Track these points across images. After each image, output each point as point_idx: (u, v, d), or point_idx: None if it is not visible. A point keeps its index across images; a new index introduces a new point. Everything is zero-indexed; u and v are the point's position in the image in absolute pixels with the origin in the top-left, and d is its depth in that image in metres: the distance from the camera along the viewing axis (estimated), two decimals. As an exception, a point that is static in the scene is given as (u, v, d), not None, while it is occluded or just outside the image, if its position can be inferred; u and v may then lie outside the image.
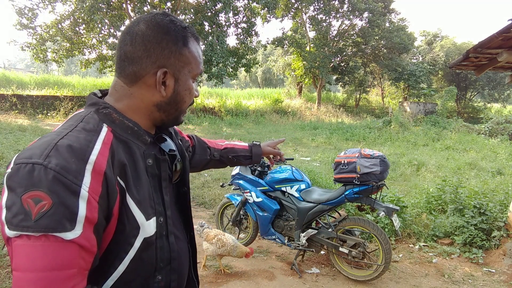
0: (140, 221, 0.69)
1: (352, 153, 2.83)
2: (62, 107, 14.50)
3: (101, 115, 0.70)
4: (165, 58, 0.72)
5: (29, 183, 0.55)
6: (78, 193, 0.57)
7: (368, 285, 2.90)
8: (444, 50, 24.53)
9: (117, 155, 0.66)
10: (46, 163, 0.56)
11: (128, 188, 0.67)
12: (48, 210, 0.54)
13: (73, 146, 0.59)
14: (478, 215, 3.67)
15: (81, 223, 0.57)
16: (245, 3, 15.98)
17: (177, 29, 0.73)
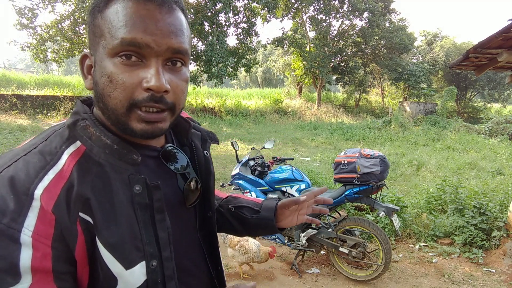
0: (116, 271, 0.53)
1: (352, 153, 2.83)
2: (62, 107, 14.51)
3: (78, 129, 0.55)
4: (89, 39, 0.57)
5: None
6: (17, 239, 0.45)
7: (368, 285, 2.90)
8: (444, 50, 24.53)
9: (78, 187, 0.51)
10: None
11: (97, 227, 0.52)
12: None
13: (15, 179, 0.47)
14: (478, 215, 3.67)
15: (28, 274, 0.45)
16: (245, 3, 15.98)
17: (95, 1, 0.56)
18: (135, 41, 0.51)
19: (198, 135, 0.76)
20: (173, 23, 0.54)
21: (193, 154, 0.72)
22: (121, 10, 0.52)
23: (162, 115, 0.56)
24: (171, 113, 0.58)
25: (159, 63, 0.53)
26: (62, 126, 0.57)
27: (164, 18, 0.53)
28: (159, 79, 0.52)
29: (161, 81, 0.52)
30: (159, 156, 0.65)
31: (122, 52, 0.52)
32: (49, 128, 0.58)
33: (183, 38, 0.55)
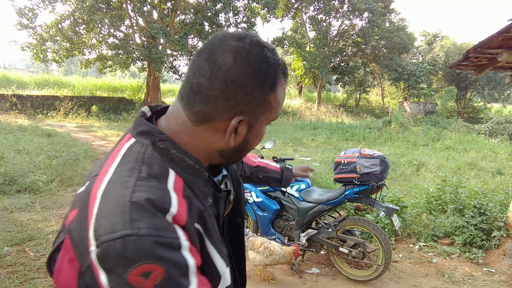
0: (221, 269, 0.61)
1: (352, 153, 2.83)
2: (62, 107, 14.51)
3: (160, 152, 0.58)
4: (245, 105, 0.59)
5: (129, 260, 0.46)
6: (180, 246, 0.50)
7: (368, 285, 2.90)
8: (444, 50, 24.54)
9: (194, 202, 0.58)
10: (136, 231, 0.47)
11: (207, 234, 0.59)
12: (163, 279, 0.47)
13: (152, 200, 0.50)
14: (478, 215, 3.67)
15: (194, 273, 0.51)
16: (245, 3, 15.98)
17: (269, 69, 0.58)
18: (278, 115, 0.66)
19: None
20: None
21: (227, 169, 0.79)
22: (281, 92, 0.63)
23: None
24: None
25: None
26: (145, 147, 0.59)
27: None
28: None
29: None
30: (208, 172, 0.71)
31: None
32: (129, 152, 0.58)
33: None
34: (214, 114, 0.59)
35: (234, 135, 0.62)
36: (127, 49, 13.35)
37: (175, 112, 0.62)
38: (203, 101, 0.58)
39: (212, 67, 0.56)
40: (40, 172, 5.02)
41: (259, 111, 0.61)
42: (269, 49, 0.59)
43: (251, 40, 0.57)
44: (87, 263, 0.49)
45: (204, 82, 0.57)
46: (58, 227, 3.51)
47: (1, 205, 3.96)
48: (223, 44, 0.57)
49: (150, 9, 14.66)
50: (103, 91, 19.21)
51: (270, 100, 0.60)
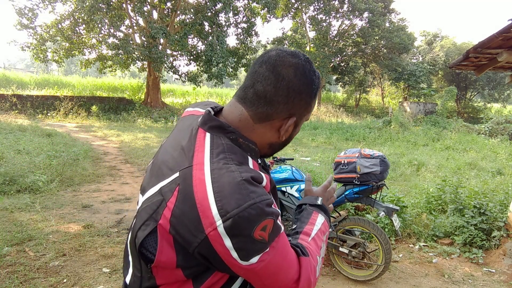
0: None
1: (352, 153, 2.83)
2: (62, 107, 14.51)
3: (234, 142, 0.73)
4: (298, 108, 0.76)
5: (253, 221, 0.62)
6: (273, 202, 0.68)
7: (368, 285, 2.90)
8: (444, 50, 24.54)
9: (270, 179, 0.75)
10: (253, 200, 0.62)
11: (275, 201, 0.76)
12: (273, 227, 0.65)
13: (255, 177, 0.67)
14: (478, 215, 3.67)
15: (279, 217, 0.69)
16: (245, 3, 15.99)
17: (316, 81, 0.76)
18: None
19: None
20: None
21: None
22: (316, 98, 0.81)
23: None
24: None
25: None
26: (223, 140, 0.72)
27: None
28: None
29: None
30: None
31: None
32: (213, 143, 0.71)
33: None
34: (274, 114, 0.74)
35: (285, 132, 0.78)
36: (127, 49, 13.35)
37: (238, 112, 0.76)
38: (267, 104, 0.73)
39: (277, 78, 0.72)
40: (40, 172, 5.02)
41: (304, 113, 0.78)
42: (312, 64, 0.77)
43: (304, 57, 0.75)
44: (200, 238, 0.62)
45: (270, 90, 0.72)
46: (58, 227, 3.51)
47: (1, 205, 3.95)
48: (283, 59, 0.73)
49: (150, 9, 14.67)
50: (103, 91, 19.21)
51: (311, 104, 0.79)
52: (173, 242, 0.67)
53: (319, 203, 0.94)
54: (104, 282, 2.60)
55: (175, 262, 0.68)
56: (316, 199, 0.95)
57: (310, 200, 0.95)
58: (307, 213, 0.91)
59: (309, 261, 0.74)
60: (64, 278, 2.62)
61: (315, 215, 0.90)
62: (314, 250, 0.79)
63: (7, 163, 5.05)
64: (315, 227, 0.86)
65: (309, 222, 0.87)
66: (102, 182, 5.52)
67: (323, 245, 0.85)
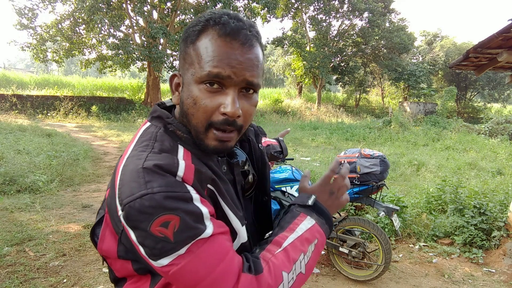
0: (237, 227, 0.67)
1: (352, 153, 2.83)
2: (62, 107, 14.51)
3: (168, 132, 0.67)
4: (180, 62, 0.69)
5: (148, 215, 0.55)
6: (192, 198, 0.58)
7: (368, 285, 2.90)
8: (444, 50, 24.54)
9: (203, 170, 0.64)
10: (150, 190, 0.56)
11: (221, 195, 0.66)
12: (180, 226, 0.56)
13: (160, 165, 0.59)
14: (478, 215, 3.67)
15: (208, 219, 0.59)
16: (245, 3, 15.98)
17: (194, 23, 0.65)
18: (219, 75, 0.61)
19: (252, 130, 0.89)
20: (251, 58, 0.63)
21: (251, 148, 0.84)
22: (210, 45, 0.61)
23: (231, 135, 0.66)
24: (238, 133, 0.68)
25: (235, 92, 0.63)
26: (157, 128, 0.67)
27: (245, 54, 0.62)
28: (234, 106, 0.62)
29: (235, 108, 0.62)
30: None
31: (206, 81, 0.62)
32: (144, 133, 0.68)
33: (257, 72, 0.65)
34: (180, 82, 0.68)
35: (177, 93, 0.68)
36: (127, 49, 13.35)
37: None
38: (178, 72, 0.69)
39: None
40: (40, 172, 5.02)
41: (185, 66, 0.65)
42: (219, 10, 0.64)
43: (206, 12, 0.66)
44: (121, 228, 0.60)
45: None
46: (58, 227, 3.52)
47: (1, 205, 3.95)
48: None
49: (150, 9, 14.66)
50: (103, 91, 19.20)
51: (190, 52, 0.64)
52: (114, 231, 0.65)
53: (310, 203, 0.73)
54: (104, 282, 2.60)
55: (115, 252, 0.65)
56: (307, 198, 0.74)
57: (301, 200, 0.75)
58: (290, 216, 0.73)
59: (255, 280, 0.59)
60: (64, 278, 2.62)
61: (300, 218, 0.71)
62: (280, 264, 0.63)
63: (7, 163, 5.04)
64: (293, 234, 0.68)
65: (287, 228, 0.70)
66: (102, 182, 5.52)
67: (302, 257, 0.66)
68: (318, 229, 0.71)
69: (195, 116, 0.64)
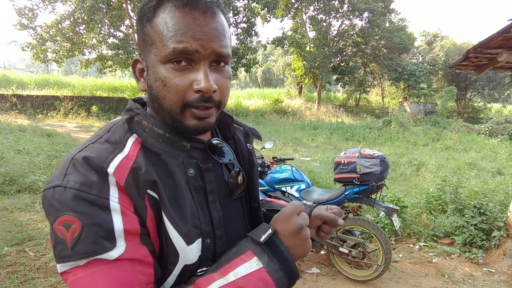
0: (179, 246, 0.57)
1: (352, 153, 2.84)
2: (62, 107, 14.51)
3: (133, 124, 0.62)
4: (139, 47, 0.62)
5: (55, 209, 0.50)
6: (108, 207, 0.51)
7: (368, 285, 2.90)
8: (444, 50, 24.54)
9: (144, 168, 0.56)
10: (64, 182, 0.51)
11: (163, 205, 0.57)
12: (80, 234, 0.49)
13: (89, 158, 0.53)
14: (478, 215, 3.67)
15: (122, 238, 0.51)
16: (245, 3, 15.98)
17: (146, 3, 0.59)
18: (186, 50, 0.55)
19: (241, 130, 0.81)
20: (216, 28, 0.58)
21: (237, 147, 0.76)
22: (169, 20, 0.56)
23: (210, 111, 0.61)
24: (217, 109, 0.63)
25: (206, 66, 0.58)
26: (120, 121, 0.63)
27: (208, 23, 0.57)
28: (207, 81, 0.57)
29: (209, 82, 0.57)
30: (206, 149, 0.69)
31: (173, 59, 0.56)
32: (109, 123, 0.64)
33: (225, 42, 0.60)
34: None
35: (143, 79, 0.63)
36: (127, 49, 13.36)
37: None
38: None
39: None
40: (40, 172, 5.02)
41: (146, 47, 0.59)
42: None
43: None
44: None
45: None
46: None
47: (1, 205, 3.96)
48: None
49: (150, 9, 14.65)
50: (103, 91, 19.20)
51: (148, 32, 0.58)
52: None
53: (262, 239, 0.57)
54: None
55: None
56: (263, 231, 0.59)
57: (257, 232, 0.60)
58: (235, 252, 0.59)
59: None
60: (64, 278, 2.62)
61: (244, 257, 0.57)
62: None
63: (7, 163, 5.04)
64: (221, 280, 0.54)
65: (221, 269, 0.56)
66: (102, 182, 5.52)
67: None
68: (264, 278, 0.54)
69: (167, 99, 0.58)
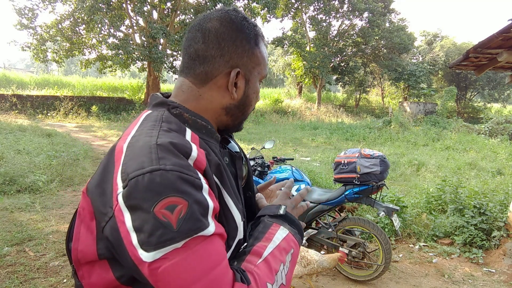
0: (238, 220, 0.65)
1: (352, 153, 2.83)
2: (62, 107, 14.51)
3: (174, 115, 0.65)
4: (238, 58, 0.68)
5: (156, 193, 0.49)
6: (201, 187, 0.54)
7: (368, 285, 2.90)
8: (444, 50, 24.53)
9: (210, 154, 0.62)
10: (163, 166, 0.51)
11: (224, 186, 0.63)
12: (187, 213, 0.50)
13: (175, 143, 0.56)
14: (478, 215, 3.67)
15: (211, 215, 0.55)
16: (245, 3, 15.97)
17: (250, 27, 0.69)
18: (266, 75, 0.76)
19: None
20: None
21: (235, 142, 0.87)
22: (264, 50, 0.73)
23: None
24: None
25: None
26: (162, 113, 0.65)
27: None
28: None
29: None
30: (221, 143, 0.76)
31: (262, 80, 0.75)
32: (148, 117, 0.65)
33: None
34: (214, 71, 0.67)
35: (235, 89, 0.69)
36: (127, 49, 13.35)
37: (179, 85, 0.71)
38: (203, 63, 0.67)
39: (204, 33, 0.67)
40: (40, 172, 5.02)
41: (251, 65, 0.70)
42: (244, 14, 0.71)
43: (229, 9, 0.70)
44: (109, 215, 0.53)
45: (200, 47, 0.67)
46: (58, 227, 3.51)
47: (1, 205, 3.95)
48: (208, 16, 0.70)
49: (150, 9, 14.65)
50: (103, 91, 19.20)
51: (257, 54, 0.70)
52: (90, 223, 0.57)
53: (282, 212, 0.72)
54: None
55: (95, 251, 0.56)
56: (277, 208, 0.73)
57: (270, 210, 0.73)
58: (264, 226, 0.69)
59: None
60: (64, 278, 2.62)
61: (274, 228, 0.68)
62: (263, 275, 0.58)
63: (7, 163, 5.04)
64: (271, 244, 0.64)
65: (263, 238, 0.65)
66: (102, 182, 5.52)
67: (282, 268, 0.62)
68: (293, 239, 0.69)
69: (253, 106, 0.75)
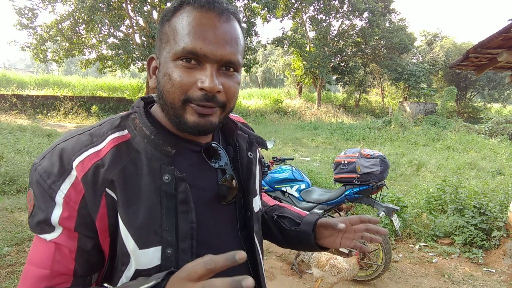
0: (130, 248, 0.58)
1: (352, 153, 2.83)
2: (62, 107, 14.51)
3: (129, 120, 0.64)
4: (156, 45, 0.65)
5: (30, 181, 0.60)
6: (53, 198, 0.57)
7: (368, 285, 2.90)
8: (444, 50, 24.53)
9: (107, 166, 0.58)
10: (38, 164, 0.59)
11: (119, 205, 0.58)
12: (32, 211, 0.58)
13: (64, 150, 0.59)
14: (478, 215, 3.67)
15: (58, 227, 0.57)
16: (245, 3, 15.97)
17: (172, 3, 0.63)
18: (194, 51, 0.57)
19: (245, 137, 0.79)
20: (229, 32, 0.60)
21: (237, 154, 0.75)
22: (185, 19, 0.59)
23: (213, 110, 0.61)
24: (221, 110, 0.63)
25: (213, 68, 0.59)
26: (118, 117, 0.65)
27: (221, 26, 0.59)
28: (212, 81, 0.58)
29: (214, 82, 0.58)
30: (202, 152, 0.69)
31: (182, 57, 0.58)
32: (110, 117, 0.66)
33: (236, 48, 0.61)
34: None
35: (154, 77, 0.65)
36: (127, 49, 13.35)
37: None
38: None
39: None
40: (40, 172, 5.01)
41: (161, 45, 0.62)
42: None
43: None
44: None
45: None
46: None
47: (1, 205, 3.96)
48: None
49: (150, 9, 14.65)
50: (103, 91, 19.20)
51: (165, 30, 0.61)
52: None
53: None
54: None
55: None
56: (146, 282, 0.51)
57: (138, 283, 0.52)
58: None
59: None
60: (64, 278, 2.62)
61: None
62: None
63: (7, 163, 5.04)
64: None
65: None
66: (102, 182, 5.52)
67: None
68: None
69: (171, 92, 0.59)
